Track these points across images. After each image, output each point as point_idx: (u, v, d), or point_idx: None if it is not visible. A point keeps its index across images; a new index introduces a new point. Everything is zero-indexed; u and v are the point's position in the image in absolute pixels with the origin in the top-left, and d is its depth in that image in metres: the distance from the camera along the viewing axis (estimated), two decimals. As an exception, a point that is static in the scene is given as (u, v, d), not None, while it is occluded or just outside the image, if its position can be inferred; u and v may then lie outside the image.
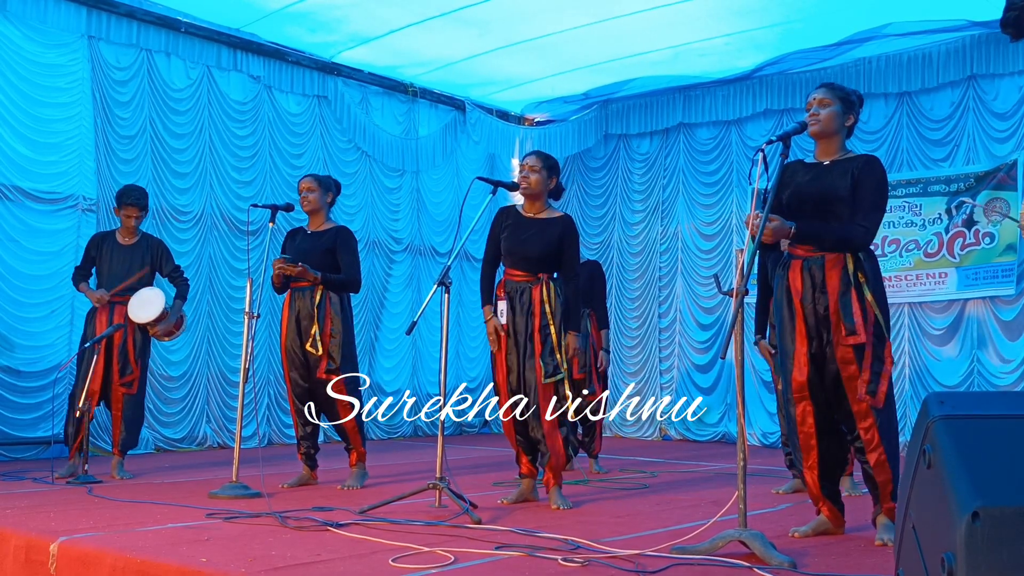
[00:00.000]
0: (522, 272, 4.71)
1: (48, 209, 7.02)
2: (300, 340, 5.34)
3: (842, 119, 3.81)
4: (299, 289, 5.37)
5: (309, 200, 5.45)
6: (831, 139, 3.82)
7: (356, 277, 5.43)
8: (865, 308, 3.63)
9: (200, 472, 6.05)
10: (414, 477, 5.76)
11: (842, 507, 3.87)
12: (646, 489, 5.52)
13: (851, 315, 3.61)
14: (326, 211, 5.52)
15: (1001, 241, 7.83)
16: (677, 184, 9.79)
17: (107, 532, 3.73)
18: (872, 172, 3.72)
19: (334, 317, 5.31)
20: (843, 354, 3.62)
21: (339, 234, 5.44)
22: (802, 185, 3.78)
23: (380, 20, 7.92)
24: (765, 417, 8.93)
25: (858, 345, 3.61)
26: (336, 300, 5.36)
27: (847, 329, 3.61)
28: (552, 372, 4.59)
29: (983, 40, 7.92)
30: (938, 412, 2.40)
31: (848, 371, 3.62)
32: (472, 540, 3.59)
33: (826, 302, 3.66)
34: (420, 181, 9.66)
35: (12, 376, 6.77)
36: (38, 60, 6.98)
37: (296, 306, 5.36)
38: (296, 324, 5.35)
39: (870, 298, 3.64)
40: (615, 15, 7.72)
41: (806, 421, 3.72)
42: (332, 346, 5.28)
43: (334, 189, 5.61)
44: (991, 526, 2.11)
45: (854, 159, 3.79)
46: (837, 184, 3.72)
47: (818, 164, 3.84)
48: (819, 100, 3.81)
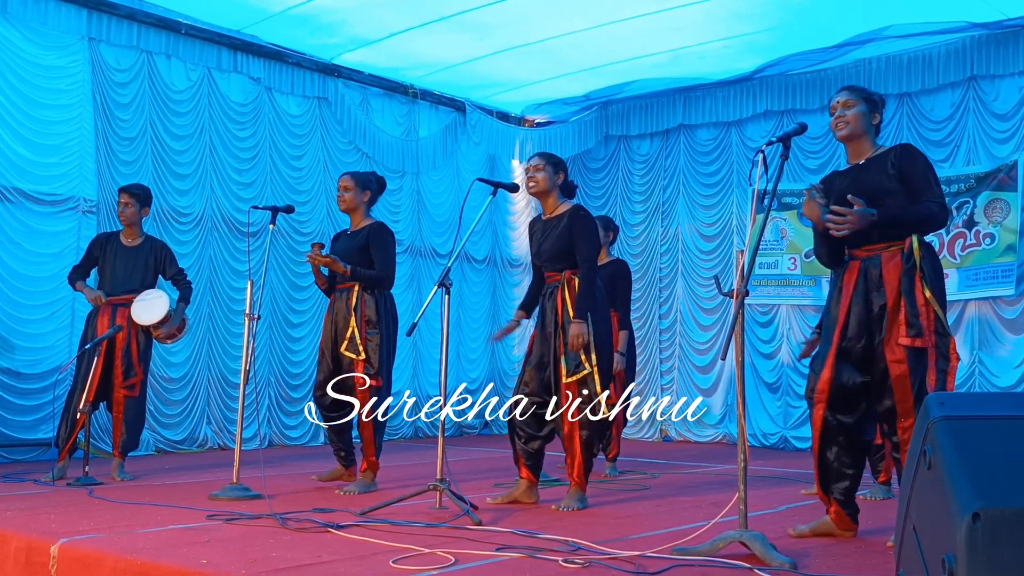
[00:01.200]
0: (551, 272, 4.74)
1: (49, 211, 7.02)
2: (334, 341, 5.28)
3: (869, 118, 3.80)
4: (340, 290, 5.33)
5: (344, 200, 5.41)
6: (861, 139, 3.81)
7: (388, 273, 5.30)
8: (926, 305, 3.57)
9: (201, 474, 6.05)
10: (415, 479, 5.76)
11: (853, 512, 3.83)
12: (647, 490, 5.52)
13: (916, 315, 3.55)
14: (364, 209, 5.43)
15: (1001, 242, 7.83)
16: (677, 185, 9.79)
17: (108, 534, 3.73)
18: (913, 157, 3.70)
19: (368, 319, 5.21)
20: (896, 353, 3.57)
21: (373, 231, 5.34)
22: (844, 190, 3.75)
23: (380, 23, 7.92)
24: (766, 418, 8.92)
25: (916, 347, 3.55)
26: (372, 302, 5.23)
27: (911, 330, 3.54)
28: (574, 369, 4.56)
29: (983, 41, 7.92)
30: (938, 413, 2.40)
31: (899, 370, 3.56)
32: (473, 541, 3.59)
33: (882, 300, 3.62)
34: (420, 182, 9.66)
35: (12, 378, 6.77)
36: (38, 62, 6.98)
37: (335, 308, 5.32)
38: (333, 326, 5.31)
39: (929, 295, 3.58)
40: (614, 19, 7.73)
41: (815, 425, 3.72)
42: (369, 349, 5.17)
43: (374, 186, 5.51)
44: (991, 527, 2.11)
45: (887, 152, 3.77)
46: (879, 179, 3.70)
47: (853, 167, 3.83)
48: (843, 103, 3.79)
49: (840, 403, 3.69)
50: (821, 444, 3.73)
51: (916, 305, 3.56)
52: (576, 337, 4.50)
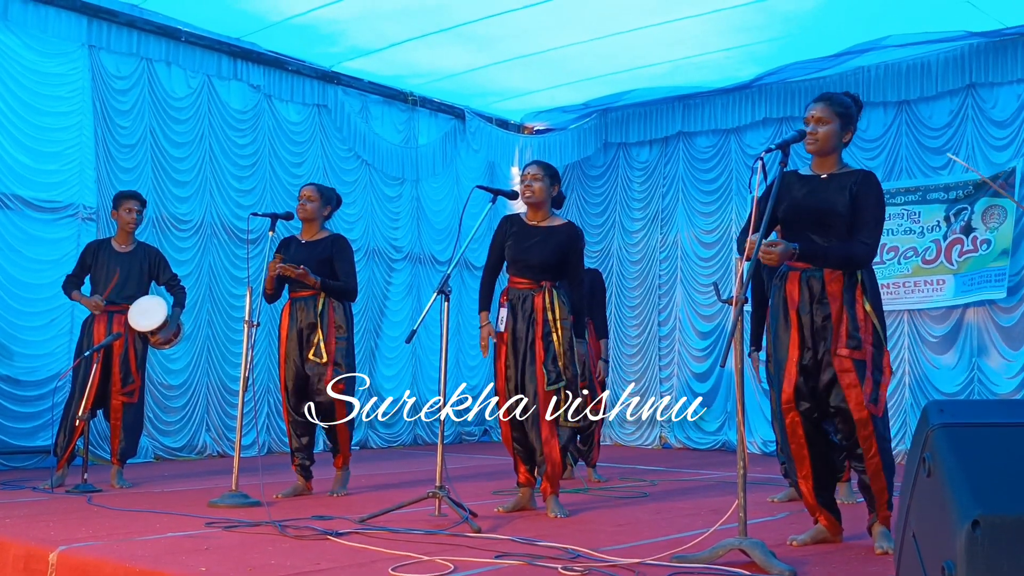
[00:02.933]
0: (525, 280, 4.72)
1: (48, 218, 7.02)
2: (300, 351, 5.32)
3: (840, 136, 3.80)
4: (301, 299, 5.35)
5: (307, 209, 5.44)
6: (828, 156, 3.83)
7: (353, 285, 5.44)
8: (865, 319, 3.65)
9: (199, 481, 6.05)
10: (414, 486, 5.75)
11: (839, 515, 3.88)
12: (646, 497, 5.52)
13: (856, 328, 3.62)
14: (321, 222, 5.51)
15: (997, 247, 7.84)
16: (676, 192, 9.80)
17: (106, 541, 3.73)
18: (870, 189, 3.73)
19: (338, 324, 5.31)
20: (841, 364, 3.63)
21: (335, 243, 5.45)
22: (799, 199, 3.79)
23: (380, 34, 7.94)
24: (765, 425, 8.91)
25: (855, 358, 3.61)
26: (339, 308, 5.36)
27: (851, 342, 3.61)
28: (554, 380, 4.58)
29: (982, 49, 7.94)
30: (938, 420, 2.40)
31: (847, 379, 3.61)
32: (472, 549, 3.59)
33: (825, 312, 3.67)
34: (420, 189, 9.67)
35: (11, 385, 6.76)
36: (38, 69, 6.99)
37: (297, 316, 5.34)
38: (298, 335, 5.33)
39: (869, 309, 3.66)
40: (614, 32, 7.76)
41: (796, 432, 3.73)
42: (338, 354, 5.27)
43: (334, 202, 5.60)
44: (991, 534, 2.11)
45: (851, 174, 3.78)
46: (834, 199, 3.72)
47: (815, 177, 3.84)
48: (816, 118, 3.79)
49: (809, 408, 3.73)
50: (811, 448, 3.73)
51: (856, 319, 3.64)
52: (582, 356, 4.74)
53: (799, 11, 7.33)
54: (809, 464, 3.74)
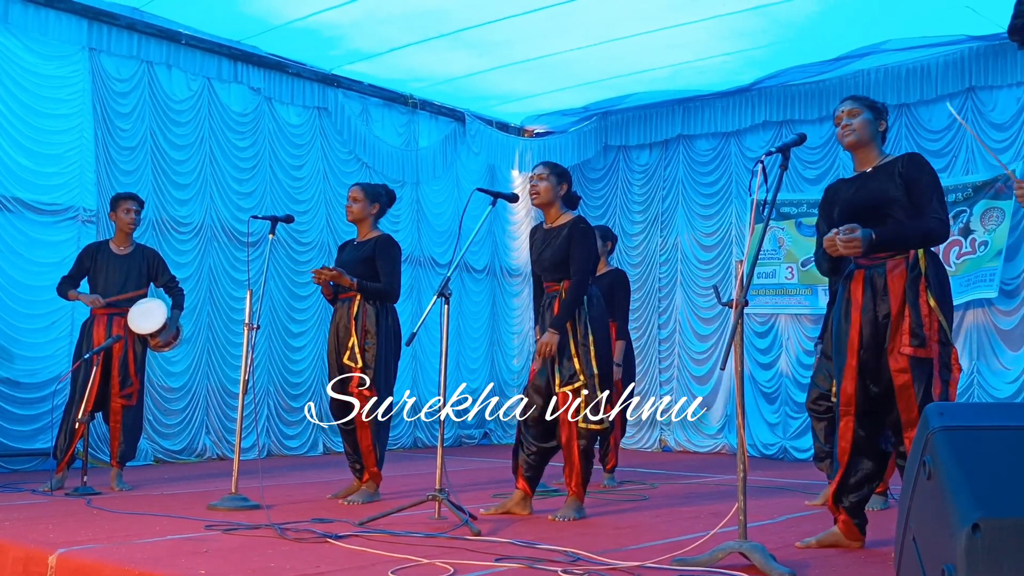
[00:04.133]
0: (550, 282, 4.75)
1: (48, 220, 7.02)
2: (338, 352, 5.30)
3: (875, 125, 3.80)
4: (342, 300, 5.35)
5: (353, 211, 5.41)
6: (868, 147, 3.81)
7: (393, 286, 5.31)
8: (930, 315, 3.56)
9: (199, 484, 6.04)
10: (413, 489, 5.75)
11: (862, 523, 3.82)
12: (646, 501, 5.51)
13: (920, 324, 3.54)
14: (372, 221, 5.44)
15: (993, 248, 7.85)
16: (676, 195, 9.81)
17: (106, 544, 3.72)
18: (921, 167, 3.69)
19: (368, 330, 5.22)
20: (899, 363, 3.57)
21: (378, 243, 5.35)
22: (850, 198, 3.75)
23: (381, 39, 7.94)
24: (764, 429, 8.91)
25: (919, 356, 3.54)
26: (373, 313, 5.24)
27: (914, 340, 3.54)
28: (567, 380, 4.57)
29: (981, 52, 7.94)
30: (938, 423, 2.40)
31: (902, 379, 3.56)
32: (472, 552, 3.58)
33: (887, 308, 3.61)
34: (420, 192, 9.67)
35: (11, 387, 6.76)
36: (39, 71, 7.00)
37: (336, 319, 5.34)
38: (335, 336, 5.33)
39: (933, 304, 3.58)
40: (614, 37, 7.76)
41: (846, 436, 3.70)
42: (365, 359, 5.18)
43: (383, 199, 5.51)
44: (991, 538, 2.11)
45: (895, 160, 3.76)
46: (886, 187, 3.68)
47: (861, 174, 3.82)
48: (848, 111, 3.79)
49: (864, 414, 3.69)
50: (852, 455, 3.69)
51: (920, 315, 3.56)
52: (544, 345, 4.55)
53: (799, 16, 7.33)
54: (846, 467, 3.70)
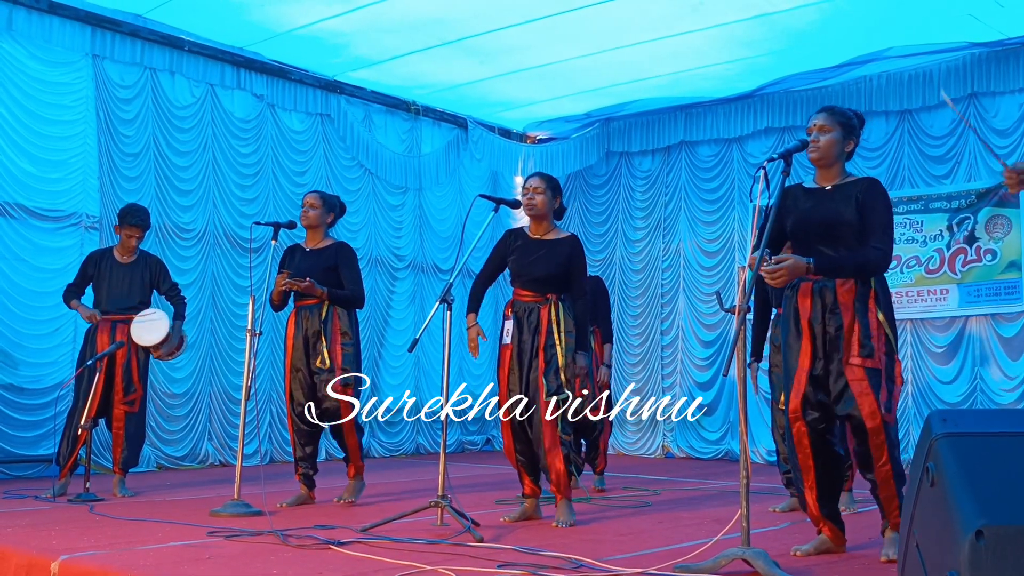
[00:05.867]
0: (530, 292, 4.77)
1: (51, 227, 7.04)
2: (307, 359, 5.34)
3: (842, 145, 3.81)
4: (306, 307, 5.38)
5: (309, 216, 5.48)
6: (832, 166, 3.83)
7: (360, 293, 5.47)
8: (878, 328, 3.64)
9: (202, 490, 6.04)
10: (416, 495, 5.74)
11: (842, 525, 3.87)
12: (649, 507, 5.50)
13: (868, 337, 3.61)
14: (324, 229, 5.55)
15: (1003, 258, 7.84)
16: (679, 201, 9.81)
17: (108, 550, 3.72)
18: (877, 195, 3.73)
19: (343, 331, 5.34)
20: (854, 372, 3.62)
21: (340, 250, 5.47)
22: (806, 212, 3.79)
23: (384, 46, 7.97)
24: (768, 434, 8.88)
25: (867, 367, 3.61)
26: (344, 315, 5.39)
27: (863, 351, 3.61)
28: (555, 391, 4.59)
29: (983, 58, 7.95)
30: (941, 430, 2.40)
31: (859, 387, 3.60)
32: (474, 558, 3.58)
33: (837, 323, 3.66)
34: (423, 198, 9.68)
35: (15, 393, 6.77)
36: (42, 78, 7.02)
37: (303, 325, 5.37)
38: (303, 342, 5.35)
39: (882, 318, 3.66)
40: (616, 46, 7.78)
41: (803, 442, 3.73)
42: (344, 360, 5.28)
43: (337, 210, 5.63)
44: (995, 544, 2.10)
45: (855, 183, 3.79)
46: (841, 209, 3.72)
47: (819, 189, 3.84)
48: (819, 126, 3.80)
49: (816, 419, 3.73)
50: (816, 459, 3.73)
51: (869, 327, 3.64)
52: (582, 369, 4.70)
53: (801, 24, 7.33)
54: (814, 475, 3.74)
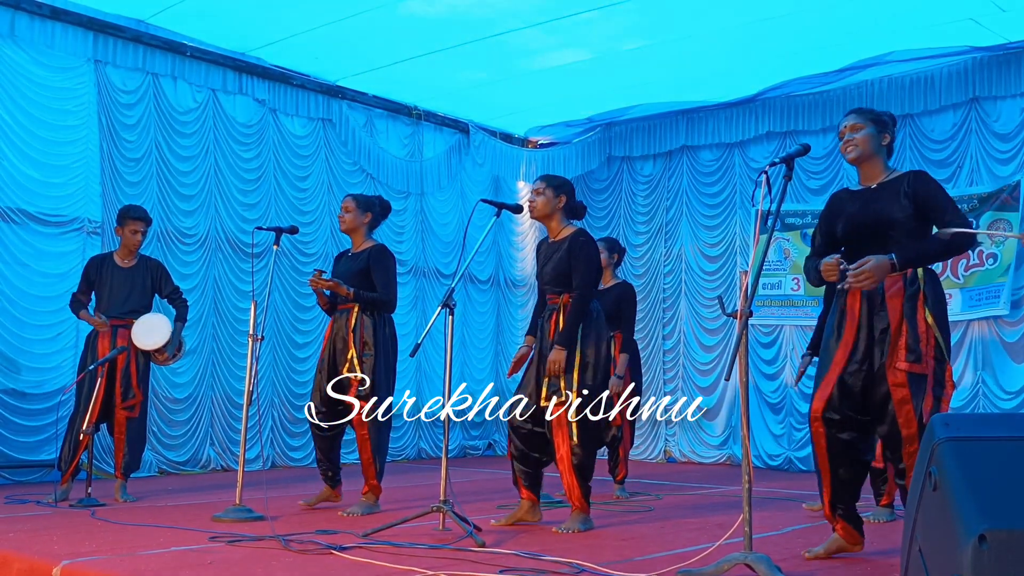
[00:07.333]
0: (551, 295, 4.75)
1: (53, 232, 7.04)
2: (334, 361, 5.31)
3: (878, 139, 3.77)
4: (340, 311, 5.37)
5: (344, 220, 5.45)
6: (872, 161, 3.78)
7: (388, 296, 5.32)
8: (927, 331, 3.56)
9: (204, 495, 6.04)
10: (418, 500, 5.74)
11: (859, 524, 3.82)
12: (651, 512, 5.50)
13: (917, 340, 3.54)
14: (365, 231, 5.46)
15: (1003, 262, 7.83)
16: (680, 206, 9.81)
17: (110, 556, 3.72)
18: (928, 181, 3.68)
19: (365, 342, 5.24)
20: (895, 378, 3.56)
21: (373, 253, 5.36)
22: (854, 215, 3.73)
23: (385, 51, 7.98)
24: (770, 439, 8.89)
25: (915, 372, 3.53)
26: (370, 324, 5.26)
27: (910, 355, 3.54)
28: (552, 394, 4.55)
29: (985, 62, 7.95)
30: (943, 434, 2.39)
31: (900, 394, 3.54)
32: (476, 563, 3.57)
33: (885, 323, 3.60)
34: (425, 203, 9.69)
35: (17, 398, 6.77)
36: (45, 83, 7.03)
37: (336, 328, 5.36)
38: (332, 345, 5.35)
39: (931, 320, 3.58)
40: (617, 50, 7.79)
41: (819, 443, 3.71)
42: (365, 371, 5.19)
43: (376, 209, 5.53)
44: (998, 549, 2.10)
45: (900, 178, 3.73)
46: (890, 208, 3.66)
47: (865, 190, 3.78)
48: (850, 126, 3.77)
49: (839, 422, 3.69)
50: (831, 462, 3.70)
51: (917, 331, 3.56)
52: (553, 363, 4.53)
53: (802, 29, 7.34)
54: (829, 477, 3.71)
